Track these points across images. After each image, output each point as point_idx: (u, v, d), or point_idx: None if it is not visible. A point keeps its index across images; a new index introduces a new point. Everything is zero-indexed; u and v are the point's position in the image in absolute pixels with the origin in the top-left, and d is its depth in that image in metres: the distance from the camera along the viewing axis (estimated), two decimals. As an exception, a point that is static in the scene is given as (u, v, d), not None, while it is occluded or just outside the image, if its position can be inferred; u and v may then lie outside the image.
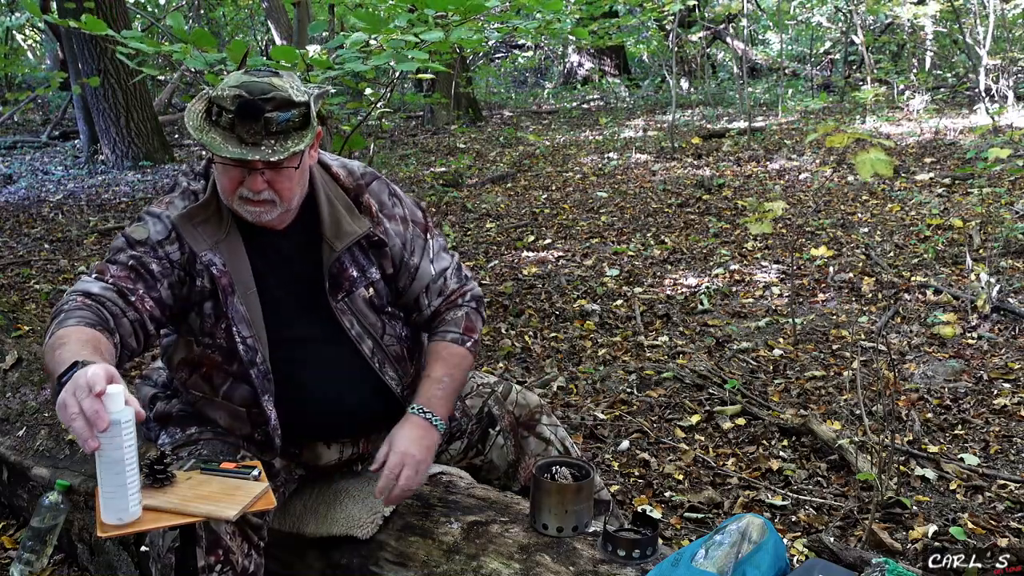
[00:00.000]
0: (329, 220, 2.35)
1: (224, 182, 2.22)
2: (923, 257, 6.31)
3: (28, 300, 6.24)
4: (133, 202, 9.85)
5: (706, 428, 4.16)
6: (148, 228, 2.27)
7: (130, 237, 2.27)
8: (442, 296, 2.50)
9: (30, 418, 3.43)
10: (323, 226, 2.35)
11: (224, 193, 2.24)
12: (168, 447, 2.38)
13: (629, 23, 17.54)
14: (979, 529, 3.23)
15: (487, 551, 2.26)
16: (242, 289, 2.28)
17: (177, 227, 2.26)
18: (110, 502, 1.82)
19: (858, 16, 14.68)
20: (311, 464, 2.50)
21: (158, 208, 2.31)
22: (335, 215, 2.37)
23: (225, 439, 2.37)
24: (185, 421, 2.44)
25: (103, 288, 2.16)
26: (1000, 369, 4.55)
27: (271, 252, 2.35)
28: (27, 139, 14.57)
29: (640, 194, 9.02)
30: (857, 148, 3.79)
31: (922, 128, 11.35)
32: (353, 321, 2.37)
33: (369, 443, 2.53)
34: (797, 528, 3.31)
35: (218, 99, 2.14)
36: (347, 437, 2.50)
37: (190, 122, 2.16)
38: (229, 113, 2.11)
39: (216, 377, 2.36)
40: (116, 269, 2.21)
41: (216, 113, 2.14)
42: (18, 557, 2.87)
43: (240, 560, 2.16)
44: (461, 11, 5.26)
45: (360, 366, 2.40)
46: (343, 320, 2.36)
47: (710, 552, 1.97)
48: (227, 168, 2.19)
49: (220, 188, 2.24)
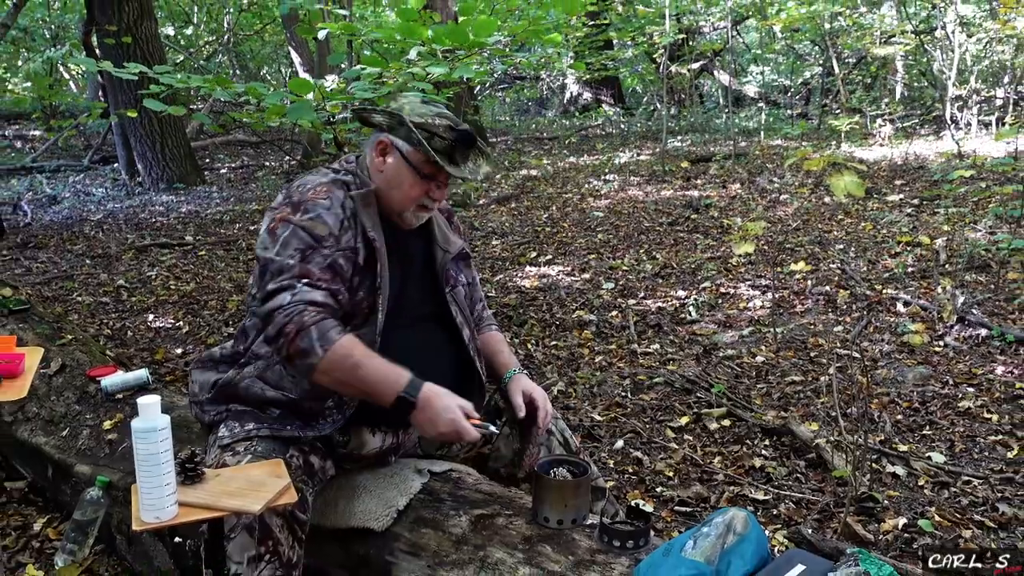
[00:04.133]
0: (439, 231, 2.62)
1: (412, 192, 2.43)
2: (894, 272, 6.31)
3: (71, 311, 6.24)
4: (168, 221, 9.87)
5: (694, 429, 4.16)
6: (326, 221, 2.36)
7: (313, 232, 2.34)
8: (482, 302, 2.85)
9: (73, 420, 3.43)
10: (435, 234, 2.61)
11: (405, 200, 2.44)
12: (227, 439, 2.38)
13: (623, 56, 17.62)
14: (945, 522, 3.22)
15: (493, 542, 2.26)
16: (383, 265, 2.41)
17: (357, 204, 2.41)
18: (147, 500, 1.84)
19: (834, 50, 14.68)
20: (354, 453, 2.51)
21: (323, 199, 2.40)
22: (441, 228, 2.64)
23: (280, 434, 2.36)
24: (244, 417, 2.42)
25: (324, 296, 2.27)
26: (964, 375, 4.55)
27: (403, 245, 2.51)
28: (70, 163, 14.59)
29: (633, 214, 9.02)
30: (832, 171, 3.80)
31: (892, 153, 11.36)
32: (458, 311, 2.60)
33: (407, 435, 2.61)
34: (778, 521, 3.31)
35: (429, 126, 2.39)
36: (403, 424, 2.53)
37: (412, 135, 2.39)
38: (445, 140, 2.39)
39: None
40: (318, 272, 2.30)
41: (431, 135, 2.38)
42: (62, 547, 2.88)
43: (286, 551, 2.18)
44: (466, 46, 5.29)
45: (457, 350, 2.59)
46: (452, 307, 2.58)
47: (698, 543, 1.97)
48: (416, 180, 2.42)
49: (401, 195, 2.44)
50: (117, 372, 3.60)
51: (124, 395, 3.46)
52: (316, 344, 2.16)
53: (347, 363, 2.18)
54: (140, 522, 1.85)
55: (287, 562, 2.18)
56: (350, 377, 2.20)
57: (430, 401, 2.20)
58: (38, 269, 7.76)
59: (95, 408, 3.45)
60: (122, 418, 3.31)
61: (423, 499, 2.47)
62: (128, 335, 5.76)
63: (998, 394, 4.30)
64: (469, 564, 2.24)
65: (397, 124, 2.41)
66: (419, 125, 2.37)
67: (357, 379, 2.20)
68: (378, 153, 2.45)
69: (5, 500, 3.55)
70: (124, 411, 3.35)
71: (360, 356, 2.20)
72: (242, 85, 5.57)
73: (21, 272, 7.63)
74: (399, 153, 2.41)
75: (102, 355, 4.05)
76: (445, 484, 2.52)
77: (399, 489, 2.48)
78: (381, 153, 2.45)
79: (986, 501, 3.37)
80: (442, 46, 5.36)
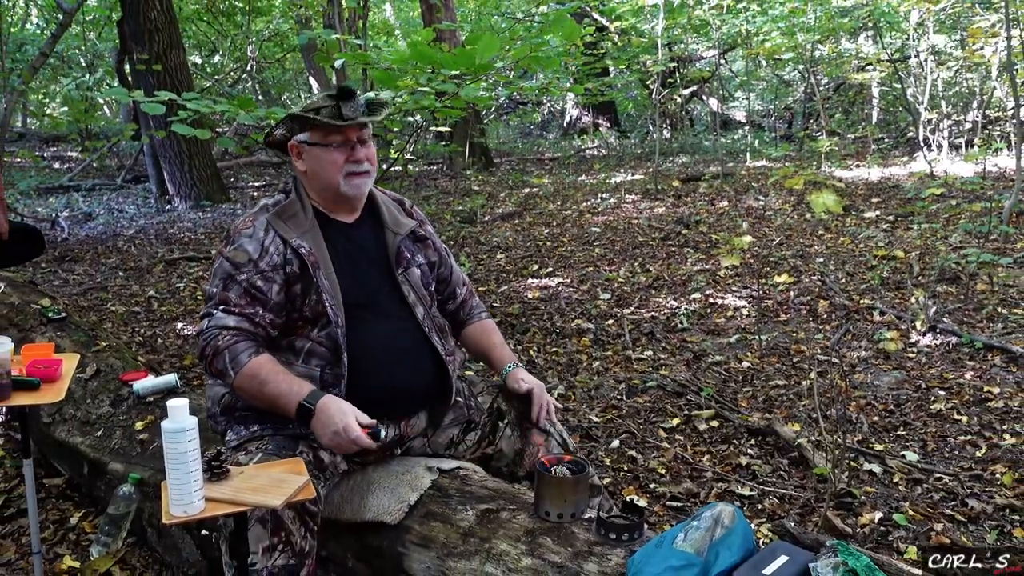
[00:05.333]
0: (388, 215, 2.64)
1: (333, 166, 2.46)
2: (870, 283, 6.31)
3: (105, 320, 6.26)
4: (195, 236, 9.89)
5: (685, 429, 4.16)
6: (246, 249, 2.42)
7: (234, 260, 2.42)
8: (464, 285, 2.85)
9: (107, 421, 3.44)
10: (384, 218, 2.63)
11: (332, 175, 2.47)
12: (235, 442, 2.43)
13: (619, 83, 17.65)
14: (918, 516, 3.23)
15: (497, 534, 2.26)
16: (324, 267, 2.44)
17: (272, 224, 2.45)
18: (176, 495, 1.84)
19: (815, 76, 14.70)
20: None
21: (247, 228, 2.47)
22: (391, 211, 2.67)
23: (286, 432, 2.40)
24: (247, 420, 2.46)
25: (237, 321, 2.36)
26: (936, 379, 4.55)
27: (344, 240, 2.55)
28: (104, 182, 14.61)
29: (628, 229, 9.03)
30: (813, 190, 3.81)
31: (869, 173, 11.36)
32: (410, 290, 2.59)
33: (408, 427, 2.61)
34: (763, 515, 3.31)
35: (310, 106, 2.45)
36: (398, 412, 2.57)
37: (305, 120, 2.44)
38: (328, 106, 2.42)
39: (299, 341, 2.45)
40: (235, 297, 2.39)
41: (316, 111, 2.42)
42: (97, 539, 2.89)
43: (298, 541, 2.19)
44: (472, 71, 5.31)
45: (413, 330, 2.57)
46: (403, 288, 2.58)
47: (688, 535, 1.97)
48: (330, 152, 2.45)
49: (327, 174, 2.48)
50: (148, 377, 3.61)
51: (154, 398, 3.47)
52: (228, 367, 2.32)
53: (255, 383, 2.30)
54: (169, 516, 1.85)
55: (299, 551, 2.19)
56: (258, 394, 2.31)
57: (325, 407, 2.25)
58: (75, 281, 7.78)
59: (127, 410, 3.46)
60: (153, 419, 3.32)
61: (432, 495, 2.47)
62: (158, 342, 5.77)
63: (967, 397, 4.30)
64: (475, 555, 2.24)
65: (291, 124, 2.49)
66: (303, 110, 2.45)
67: (264, 395, 2.30)
68: (295, 158, 2.53)
69: (44, 496, 3.56)
70: (155, 413, 3.36)
71: (266, 375, 2.30)
72: (264, 109, 5.60)
73: (59, 283, 7.65)
74: (306, 144, 2.48)
75: (134, 361, 4.06)
76: (453, 481, 2.52)
77: (410, 485, 2.49)
78: (297, 156, 2.53)
79: (956, 496, 3.37)
80: (450, 71, 5.38)
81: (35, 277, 7.39)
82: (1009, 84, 10.38)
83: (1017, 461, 3.63)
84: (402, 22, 23.58)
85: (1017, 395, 4.26)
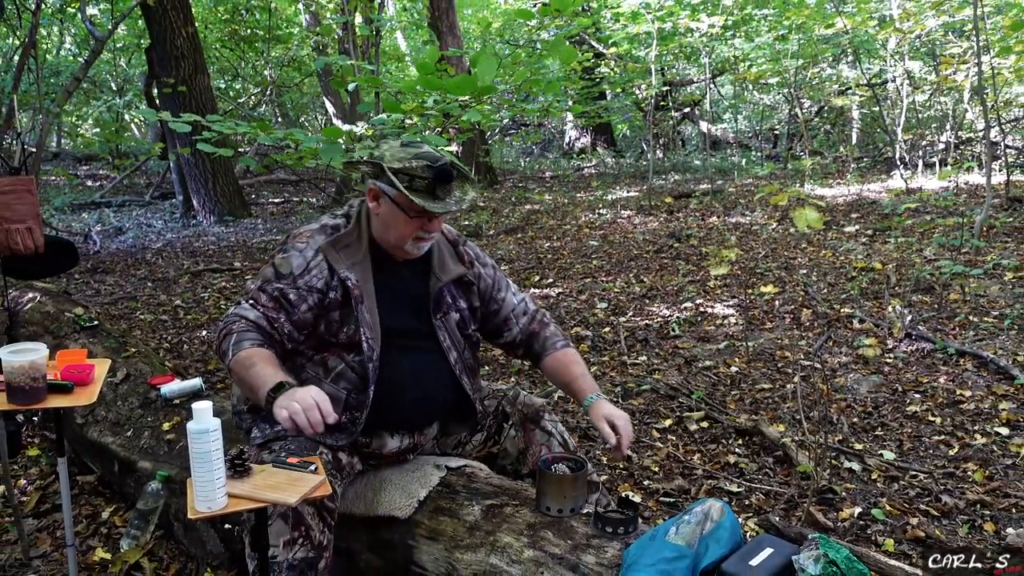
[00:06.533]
0: (437, 259, 2.55)
1: (406, 231, 2.38)
2: (850, 293, 6.31)
3: (134, 327, 6.26)
4: (219, 249, 9.91)
5: (677, 430, 4.16)
6: (291, 262, 2.41)
7: (278, 269, 2.42)
8: (526, 315, 2.72)
9: (136, 422, 3.45)
10: (433, 262, 2.53)
11: (401, 237, 2.40)
12: (260, 439, 2.42)
13: (615, 105, 17.67)
14: (895, 511, 3.22)
15: (501, 528, 2.27)
16: (367, 302, 2.40)
17: (324, 251, 2.41)
18: (201, 492, 1.85)
19: (798, 100, 14.71)
20: (376, 452, 2.52)
21: (301, 243, 2.45)
22: (441, 256, 2.57)
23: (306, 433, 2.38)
24: (272, 419, 2.40)
25: (257, 316, 2.35)
26: (912, 383, 4.54)
27: (393, 277, 2.49)
28: (134, 199, 14.65)
29: (624, 243, 9.03)
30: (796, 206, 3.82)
31: (849, 190, 11.36)
32: (446, 335, 2.52)
33: (422, 436, 2.60)
34: (750, 510, 3.31)
35: (408, 170, 2.31)
36: (416, 428, 2.56)
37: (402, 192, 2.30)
38: (424, 179, 2.31)
39: (332, 360, 2.43)
40: (265, 299, 2.38)
41: (407, 181, 2.30)
42: (126, 533, 2.88)
43: (317, 535, 2.19)
44: (475, 94, 5.33)
45: (446, 371, 2.52)
46: (439, 333, 2.51)
47: (680, 529, 1.98)
48: (410, 220, 2.36)
49: (397, 233, 2.40)
50: (174, 381, 3.62)
51: (181, 401, 3.47)
52: (231, 347, 2.28)
53: (244, 365, 2.22)
54: (194, 511, 1.86)
55: (318, 545, 2.19)
56: (244, 376, 2.22)
57: (293, 392, 2.08)
58: (106, 291, 7.79)
59: (155, 412, 3.47)
60: (179, 421, 3.32)
61: (441, 491, 2.47)
62: (184, 348, 5.78)
63: (941, 400, 4.30)
64: (481, 547, 2.24)
65: (380, 172, 2.35)
66: (398, 171, 2.31)
67: (247, 378, 2.21)
68: (371, 199, 2.43)
69: (77, 492, 3.56)
70: (181, 415, 3.37)
71: (256, 361, 2.22)
72: (282, 131, 5.62)
73: (91, 293, 7.66)
74: (387, 197, 2.38)
75: (161, 366, 4.07)
76: (460, 478, 2.53)
77: (420, 482, 2.49)
78: (373, 198, 2.42)
79: (931, 493, 3.36)
80: (455, 95, 5.40)
81: (69, 287, 7.42)
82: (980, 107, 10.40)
83: (987, 459, 3.62)
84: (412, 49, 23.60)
85: (987, 398, 4.26)
